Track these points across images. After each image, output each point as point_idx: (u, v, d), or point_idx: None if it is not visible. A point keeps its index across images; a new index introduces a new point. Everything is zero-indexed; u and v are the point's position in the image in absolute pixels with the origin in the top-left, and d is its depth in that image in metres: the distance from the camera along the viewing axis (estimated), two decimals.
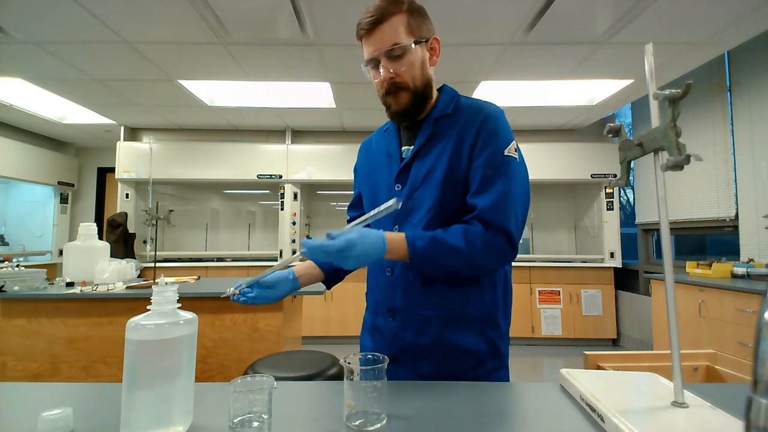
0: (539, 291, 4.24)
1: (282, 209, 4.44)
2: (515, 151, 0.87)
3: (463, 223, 0.84)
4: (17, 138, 4.57)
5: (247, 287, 0.90)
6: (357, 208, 1.11)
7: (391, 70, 0.86)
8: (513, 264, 3.49)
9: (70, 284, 2.41)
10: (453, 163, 0.86)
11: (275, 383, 0.59)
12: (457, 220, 0.86)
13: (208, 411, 0.67)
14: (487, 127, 0.86)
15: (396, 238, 0.80)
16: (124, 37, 2.57)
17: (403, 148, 0.96)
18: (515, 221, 0.83)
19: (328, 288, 1.07)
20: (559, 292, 4.23)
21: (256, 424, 0.57)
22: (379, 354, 0.66)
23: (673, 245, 4.12)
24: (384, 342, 0.92)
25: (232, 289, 0.89)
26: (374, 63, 0.88)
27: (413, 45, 0.86)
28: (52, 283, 2.43)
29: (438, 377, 0.86)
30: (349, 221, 1.09)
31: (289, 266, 0.93)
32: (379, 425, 0.61)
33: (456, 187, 0.86)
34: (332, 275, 1.04)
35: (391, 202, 0.73)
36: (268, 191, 5.01)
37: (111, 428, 0.59)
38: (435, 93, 0.96)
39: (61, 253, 4.84)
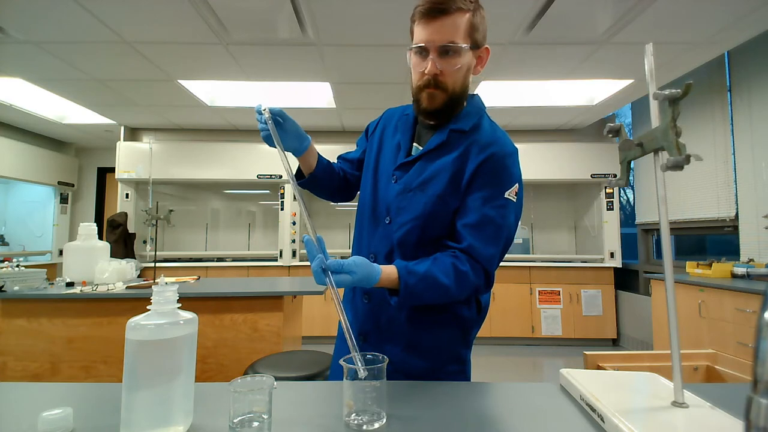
0: (539, 291, 4.24)
1: (282, 209, 4.44)
2: (515, 194, 0.86)
3: (450, 248, 0.85)
4: (17, 138, 4.57)
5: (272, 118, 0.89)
6: (349, 164, 1.09)
7: (439, 67, 0.83)
8: (513, 264, 3.48)
9: (70, 284, 2.41)
10: (451, 185, 0.86)
11: (275, 383, 0.59)
12: (441, 236, 0.87)
13: (208, 411, 0.67)
14: (493, 165, 0.85)
15: (389, 274, 0.78)
16: (124, 37, 2.57)
17: (414, 144, 0.95)
18: (496, 263, 0.86)
19: (299, 180, 1.01)
20: (559, 292, 4.23)
21: (256, 424, 0.57)
22: (378, 354, 0.66)
23: (673, 245, 4.12)
24: (356, 320, 0.94)
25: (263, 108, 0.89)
26: (422, 50, 0.83)
27: (468, 49, 0.83)
28: (52, 283, 2.43)
29: (400, 366, 0.86)
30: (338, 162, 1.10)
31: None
32: (378, 425, 0.61)
33: (447, 207, 0.86)
34: (321, 174, 1.00)
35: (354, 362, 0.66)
36: (268, 191, 5.01)
37: (111, 428, 0.59)
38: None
39: (61, 253, 4.84)
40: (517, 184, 0.87)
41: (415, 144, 0.95)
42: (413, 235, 0.87)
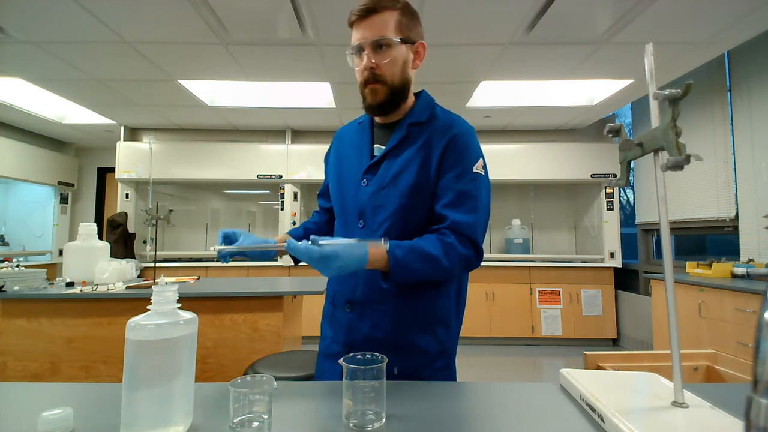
0: (539, 291, 4.24)
1: (282, 209, 4.44)
2: (482, 167, 0.92)
3: (434, 232, 0.87)
4: (17, 138, 4.57)
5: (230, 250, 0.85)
6: (326, 196, 1.13)
7: (373, 61, 0.88)
8: (513, 264, 3.50)
9: (70, 284, 2.41)
10: (421, 174, 0.89)
11: (275, 383, 0.59)
12: (422, 225, 0.90)
13: (208, 411, 0.67)
14: (457, 144, 0.90)
15: (377, 250, 0.80)
16: (124, 37, 2.57)
17: (375, 145, 0.98)
18: (481, 233, 0.89)
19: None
20: (559, 292, 4.23)
21: (256, 424, 0.57)
22: (377, 354, 0.66)
23: (673, 245, 4.12)
24: (341, 332, 0.95)
25: (217, 247, 0.86)
26: (359, 50, 0.90)
27: (400, 42, 0.89)
28: (52, 283, 2.43)
29: (388, 371, 0.86)
30: (319, 210, 1.16)
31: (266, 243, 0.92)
32: (377, 425, 0.61)
33: (422, 196, 0.89)
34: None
35: (381, 242, 0.78)
36: (268, 191, 5.01)
37: (111, 428, 0.59)
38: (412, 97, 0.99)
39: (61, 253, 4.83)
40: (481, 159, 0.92)
41: (376, 145, 0.98)
42: (395, 228, 0.89)
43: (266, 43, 2.66)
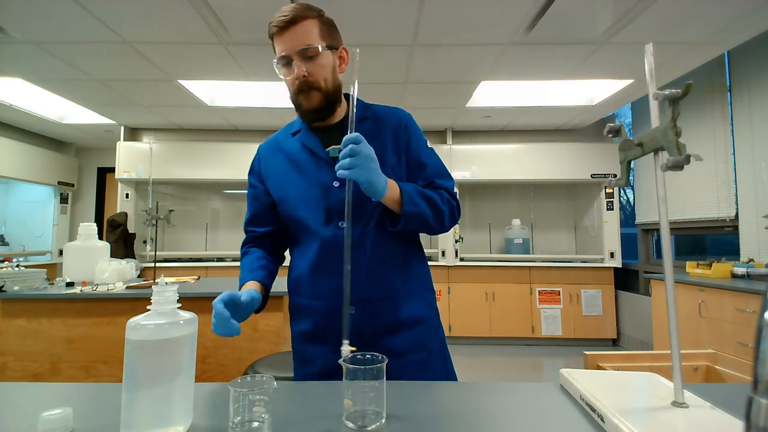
0: (539, 291, 4.24)
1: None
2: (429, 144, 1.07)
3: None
4: (17, 138, 4.57)
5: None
6: (260, 220, 1.06)
7: (304, 69, 0.90)
8: (513, 264, 3.52)
9: (70, 284, 2.41)
10: (395, 160, 0.98)
11: (275, 383, 0.59)
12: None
13: (208, 411, 0.67)
14: (413, 128, 1.03)
15: (392, 182, 0.88)
16: (124, 37, 2.57)
17: (330, 148, 0.98)
18: (456, 194, 1.02)
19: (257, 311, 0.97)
20: (559, 292, 4.23)
21: (256, 424, 0.57)
22: (377, 354, 0.66)
23: (673, 245, 4.12)
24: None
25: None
26: (285, 61, 0.92)
27: (325, 49, 0.92)
28: (52, 283, 2.43)
29: (392, 346, 0.92)
30: (253, 240, 1.09)
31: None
32: (377, 425, 0.61)
33: (399, 178, 0.97)
34: (272, 281, 1.04)
35: None
36: None
37: (111, 428, 0.59)
38: (343, 98, 1.04)
39: (61, 253, 4.83)
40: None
41: (331, 148, 0.98)
42: (386, 214, 0.94)
43: (266, 43, 2.63)
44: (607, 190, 4.34)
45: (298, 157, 1.01)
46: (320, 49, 0.91)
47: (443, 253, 4.33)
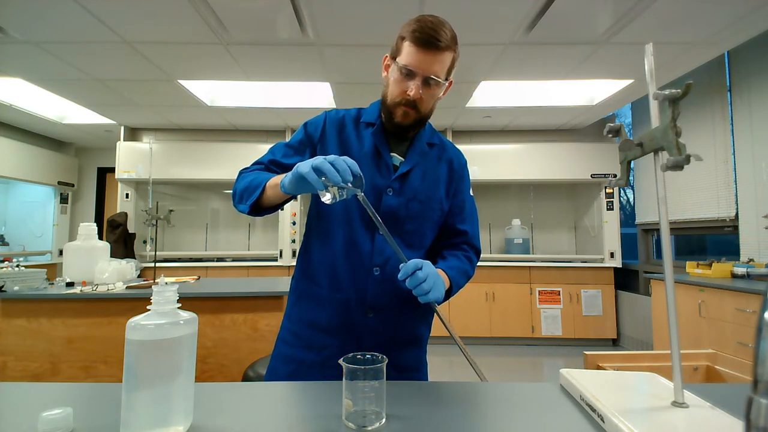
0: (539, 291, 4.24)
1: (282, 209, 4.43)
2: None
3: (457, 246, 1.06)
4: (17, 138, 4.57)
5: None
6: (280, 170, 1.02)
7: (421, 92, 0.91)
8: (513, 264, 3.52)
9: (70, 284, 2.41)
10: (444, 193, 1.04)
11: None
12: (433, 231, 1.04)
13: (208, 411, 0.67)
14: (467, 174, 1.11)
15: (444, 276, 0.95)
16: (124, 37, 2.57)
17: (392, 154, 1.00)
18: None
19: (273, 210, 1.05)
20: (559, 292, 4.23)
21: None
22: (377, 354, 0.66)
23: (673, 245, 4.12)
24: (358, 339, 0.95)
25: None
26: (409, 72, 0.91)
27: (444, 82, 0.94)
28: (52, 283, 2.43)
29: (397, 362, 0.95)
30: (263, 167, 1.06)
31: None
32: (377, 425, 0.61)
33: (443, 209, 1.04)
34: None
35: None
36: None
37: (111, 428, 0.59)
38: None
39: (61, 253, 4.83)
40: None
41: (393, 154, 1.00)
42: (416, 235, 1.00)
43: (266, 43, 2.66)
44: (607, 190, 4.35)
45: (359, 147, 1.00)
46: (442, 82, 0.93)
47: None
